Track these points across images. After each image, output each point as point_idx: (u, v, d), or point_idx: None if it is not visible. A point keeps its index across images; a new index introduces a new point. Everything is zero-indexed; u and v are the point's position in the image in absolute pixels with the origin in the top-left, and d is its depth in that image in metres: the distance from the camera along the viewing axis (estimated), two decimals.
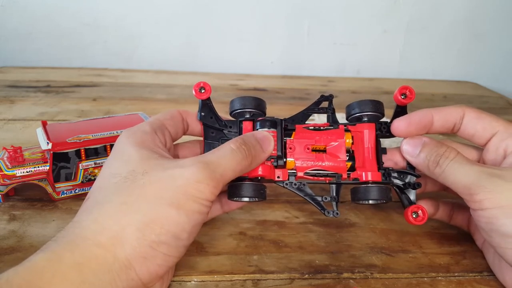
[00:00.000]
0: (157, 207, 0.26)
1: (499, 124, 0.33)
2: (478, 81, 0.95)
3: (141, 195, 0.27)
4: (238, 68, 0.91)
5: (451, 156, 0.32)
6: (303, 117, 0.36)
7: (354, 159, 0.34)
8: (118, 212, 0.26)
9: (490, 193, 0.29)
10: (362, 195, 0.33)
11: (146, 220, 0.26)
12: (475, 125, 0.33)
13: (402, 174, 0.35)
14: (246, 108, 0.35)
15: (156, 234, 0.26)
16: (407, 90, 0.34)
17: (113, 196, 0.27)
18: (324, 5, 0.88)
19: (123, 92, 0.75)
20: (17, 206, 0.40)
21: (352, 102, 0.36)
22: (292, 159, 0.34)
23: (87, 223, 0.26)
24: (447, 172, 0.31)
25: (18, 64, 0.88)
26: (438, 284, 0.33)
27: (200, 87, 0.34)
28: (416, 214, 0.33)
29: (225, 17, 0.88)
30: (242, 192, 0.32)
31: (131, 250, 0.25)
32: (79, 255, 0.24)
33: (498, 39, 0.94)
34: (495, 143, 0.33)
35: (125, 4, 0.86)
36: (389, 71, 0.95)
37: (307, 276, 0.33)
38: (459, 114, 0.33)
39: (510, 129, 0.32)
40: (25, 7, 0.84)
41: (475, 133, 0.33)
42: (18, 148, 0.40)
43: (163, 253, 0.26)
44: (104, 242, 0.25)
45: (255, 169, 0.32)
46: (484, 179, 0.29)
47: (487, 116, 0.33)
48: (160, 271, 0.27)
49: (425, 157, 0.33)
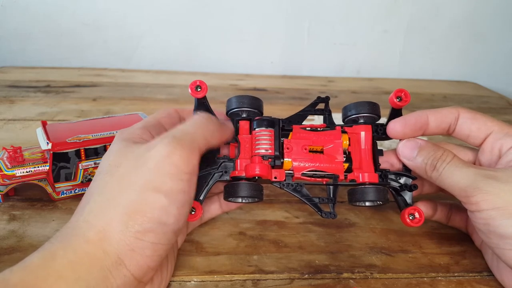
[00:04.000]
0: (136, 195, 0.26)
1: (494, 124, 0.33)
2: (478, 81, 0.95)
3: (120, 187, 0.27)
4: (238, 68, 0.91)
5: (447, 160, 0.32)
6: (300, 118, 0.36)
7: (351, 161, 0.34)
8: (102, 208, 0.26)
9: (487, 195, 0.29)
10: (359, 196, 0.33)
11: (127, 211, 0.26)
12: (470, 125, 0.33)
13: (398, 176, 0.35)
14: (243, 107, 0.35)
15: (139, 223, 0.25)
16: (403, 93, 0.34)
17: (97, 193, 0.27)
18: (324, 5, 0.88)
19: (123, 92, 0.75)
20: (17, 206, 0.40)
21: (348, 104, 0.36)
22: (289, 160, 0.33)
23: (78, 223, 0.26)
24: (444, 176, 0.31)
25: (18, 64, 0.88)
26: (438, 284, 0.33)
27: (196, 85, 0.34)
28: (413, 216, 0.33)
29: (225, 17, 0.88)
30: (239, 191, 0.32)
31: (117, 244, 0.25)
32: (72, 253, 0.24)
33: (498, 39, 0.94)
34: (490, 143, 0.33)
35: (125, 4, 0.86)
36: (389, 71, 0.95)
37: (307, 276, 0.33)
38: (454, 115, 0.33)
39: (505, 129, 0.32)
40: (25, 7, 0.84)
41: (470, 133, 0.33)
42: (18, 148, 0.40)
43: (150, 242, 0.26)
44: (93, 238, 0.25)
45: (252, 168, 0.32)
46: (480, 181, 0.29)
47: (481, 116, 0.33)
48: (150, 263, 0.26)
49: (422, 161, 0.33)
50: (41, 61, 0.88)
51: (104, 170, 0.28)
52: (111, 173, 0.28)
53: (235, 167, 0.33)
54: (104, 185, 0.27)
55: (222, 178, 0.33)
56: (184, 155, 0.27)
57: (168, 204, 0.26)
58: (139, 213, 0.26)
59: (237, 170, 0.33)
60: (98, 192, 0.27)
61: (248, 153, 0.34)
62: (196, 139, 0.29)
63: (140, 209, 0.26)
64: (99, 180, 0.28)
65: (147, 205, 0.26)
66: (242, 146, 0.34)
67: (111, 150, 0.30)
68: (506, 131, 0.32)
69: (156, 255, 0.27)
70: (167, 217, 0.26)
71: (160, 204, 0.26)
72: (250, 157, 0.34)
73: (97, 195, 0.27)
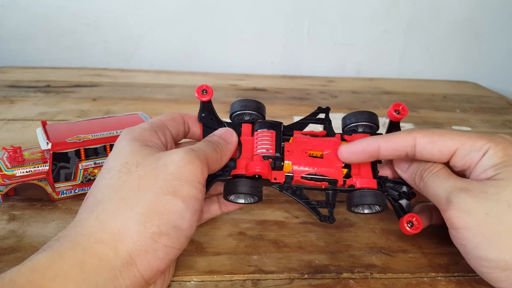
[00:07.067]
0: (154, 197, 0.26)
1: (454, 142, 0.31)
2: (478, 81, 0.95)
3: (138, 187, 0.27)
4: (238, 68, 0.92)
5: (434, 170, 0.32)
6: (300, 126, 0.37)
7: (350, 166, 0.34)
8: (118, 207, 0.26)
9: (458, 211, 0.28)
10: (357, 199, 0.33)
11: (145, 212, 0.26)
12: (430, 150, 0.31)
13: (396, 184, 0.35)
14: (246, 110, 0.36)
15: (156, 225, 0.26)
16: (400, 107, 0.35)
17: (111, 192, 0.27)
18: (324, 5, 0.88)
19: (123, 92, 0.75)
20: (17, 206, 0.40)
21: (348, 113, 0.37)
22: (289, 162, 0.34)
23: (89, 222, 0.26)
24: (427, 186, 0.31)
25: (18, 64, 0.88)
26: (437, 284, 0.33)
27: (202, 89, 0.35)
28: (411, 224, 0.33)
29: (225, 17, 0.88)
30: (238, 188, 0.32)
31: (133, 244, 0.25)
32: (81, 253, 0.24)
33: (498, 39, 0.94)
34: (459, 162, 0.31)
35: (125, 4, 0.86)
36: (389, 71, 0.95)
37: (307, 276, 0.33)
38: (409, 142, 0.32)
39: (467, 144, 0.31)
40: (25, 7, 0.84)
41: (432, 157, 0.32)
42: (17, 148, 0.40)
43: (164, 245, 0.26)
44: (106, 238, 0.25)
45: (253, 166, 0.32)
46: (454, 195, 0.29)
47: (440, 137, 0.31)
48: (161, 265, 0.26)
49: (413, 171, 0.33)
50: (41, 61, 0.88)
51: (117, 168, 0.28)
52: (128, 172, 0.27)
53: (236, 167, 0.34)
54: (120, 184, 0.27)
55: (222, 177, 0.33)
56: (200, 167, 0.28)
57: (184, 209, 0.27)
58: (157, 215, 0.26)
59: (238, 168, 0.33)
60: (113, 191, 0.27)
61: (250, 154, 0.34)
62: (208, 158, 0.30)
63: (158, 210, 0.26)
64: (112, 178, 0.28)
65: (164, 207, 0.26)
66: (244, 147, 0.35)
67: (123, 149, 0.29)
68: (469, 146, 0.30)
69: (167, 258, 0.27)
70: (181, 221, 0.27)
71: (177, 208, 0.26)
72: (251, 157, 0.34)
73: (111, 193, 0.27)
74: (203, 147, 0.31)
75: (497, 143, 0.30)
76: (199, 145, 0.31)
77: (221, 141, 0.33)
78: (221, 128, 0.35)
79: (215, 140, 0.33)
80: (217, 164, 0.32)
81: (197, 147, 0.30)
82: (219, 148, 0.32)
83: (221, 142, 0.33)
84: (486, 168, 0.30)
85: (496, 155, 0.30)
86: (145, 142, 0.30)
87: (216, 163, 0.31)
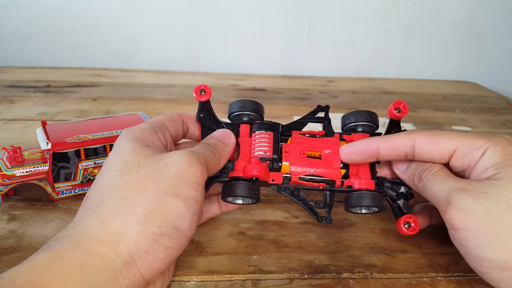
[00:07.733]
0: (156, 197, 0.26)
1: (454, 142, 0.31)
2: (478, 81, 0.95)
3: (139, 187, 0.27)
4: (238, 68, 0.91)
5: (433, 171, 0.32)
6: (299, 126, 0.37)
7: (348, 167, 0.34)
8: (119, 207, 0.26)
9: (458, 212, 0.28)
10: (355, 201, 0.33)
11: (146, 212, 0.26)
12: (429, 150, 0.31)
13: (395, 185, 0.35)
14: (244, 111, 0.35)
15: (157, 225, 0.26)
16: (401, 105, 0.35)
17: (112, 192, 0.27)
18: (324, 5, 0.88)
19: (123, 92, 0.75)
20: (17, 206, 0.40)
21: (347, 113, 0.36)
22: (287, 163, 0.34)
23: (89, 222, 0.26)
24: (426, 186, 0.31)
25: (18, 64, 0.88)
26: (437, 284, 0.33)
27: (200, 89, 0.35)
28: (409, 224, 0.33)
29: (225, 17, 0.88)
30: (236, 191, 0.32)
31: (134, 245, 0.25)
32: (81, 253, 0.24)
33: (498, 39, 0.94)
34: (458, 162, 0.31)
35: (125, 4, 0.86)
36: (389, 71, 0.95)
37: (307, 276, 0.33)
38: (408, 143, 0.32)
39: (466, 143, 0.31)
40: (25, 7, 0.84)
41: (432, 157, 0.32)
42: (17, 148, 0.40)
43: (164, 245, 0.26)
44: (106, 238, 0.25)
45: (250, 169, 0.32)
46: (453, 195, 0.29)
47: (439, 137, 0.31)
48: (161, 265, 0.27)
49: (411, 172, 0.33)
50: (41, 61, 0.88)
51: (118, 168, 0.28)
52: (129, 172, 0.27)
53: (234, 168, 0.34)
54: (121, 184, 0.27)
55: (220, 178, 0.33)
56: (201, 169, 0.29)
57: (185, 210, 0.27)
58: (158, 215, 0.26)
59: (236, 171, 0.33)
60: (114, 191, 0.27)
61: (248, 155, 0.34)
62: (207, 161, 0.30)
63: (159, 211, 0.26)
64: (113, 178, 0.28)
65: (165, 208, 0.26)
66: (241, 148, 0.35)
67: (124, 149, 0.29)
68: (468, 145, 0.31)
69: (168, 258, 0.27)
70: (182, 222, 0.27)
71: (178, 208, 0.27)
72: (249, 159, 0.34)
73: (112, 193, 0.27)
74: (202, 150, 0.31)
75: (497, 142, 0.30)
76: (198, 148, 0.31)
77: (219, 143, 0.33)
78: (219, 130, 0.35)
79: (213, 142, 0.33)
80: (215, 167, 0.32)
81: (196, 150, 0.30)
82: (217, 151, 0.32)
83: (219, 144, 0.33)
84: (486, 167, 0.30)
85: (495, 154, 0.30)
86: (146, 143, 0.30)
87: (214, 166, 0.32)
